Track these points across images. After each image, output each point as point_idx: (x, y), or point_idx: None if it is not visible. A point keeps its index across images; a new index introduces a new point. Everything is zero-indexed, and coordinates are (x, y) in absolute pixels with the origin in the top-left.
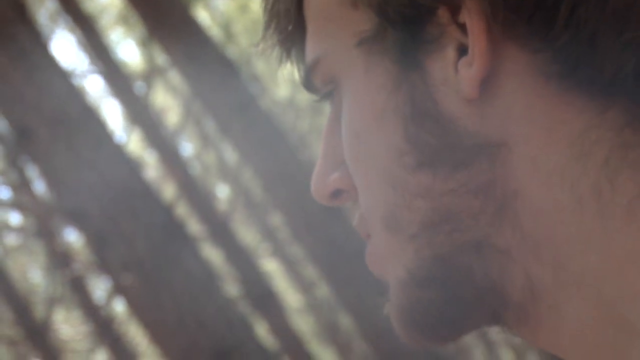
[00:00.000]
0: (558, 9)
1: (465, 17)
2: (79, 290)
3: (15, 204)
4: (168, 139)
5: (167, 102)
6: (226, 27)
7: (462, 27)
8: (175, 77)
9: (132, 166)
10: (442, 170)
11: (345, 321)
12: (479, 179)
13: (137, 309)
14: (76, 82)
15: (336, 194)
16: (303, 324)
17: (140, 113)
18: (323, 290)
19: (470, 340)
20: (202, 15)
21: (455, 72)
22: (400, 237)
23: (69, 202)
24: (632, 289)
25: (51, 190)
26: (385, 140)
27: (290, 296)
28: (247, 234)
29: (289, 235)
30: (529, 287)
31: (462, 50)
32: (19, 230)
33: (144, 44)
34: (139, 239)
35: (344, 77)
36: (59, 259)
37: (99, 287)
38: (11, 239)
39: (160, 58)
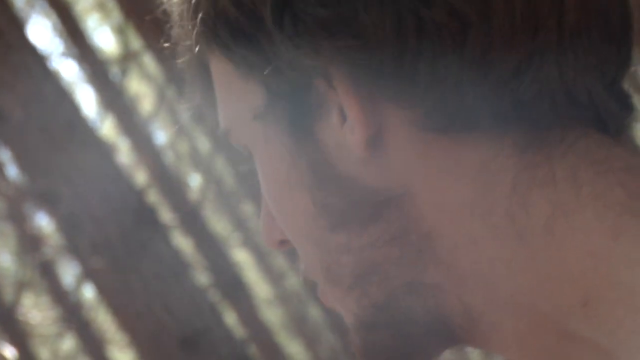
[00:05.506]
0: (417, 70)
1: (337, 86)
2: (48, 275)
3: None
4: (141, 126)
5: (141, 89)
6: None
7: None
8: (150, 64)
9: (104, 150)
10: (354, 228)
11: (315, 313)
12: (391, 230)
13: (106, 293)
14: (51, 65)
15: (283, 242)
16: (272, 315)
17: (114, 99)
18: (293, 282)
19: None
20: None
21: (344, 135)
22: (340, 289)
23: (41, 184)
24: (567, 302)
25: (23, 173)
26: (296, 207)
27: (259, 287)
28: (218, 223)
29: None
30: (467, 312)
31: (345, 114)
32: None
33: (120, 30)
34: (110, 223)
35: (250, 147)
36: (29, 242)
37: (69, 273)
38: None
39: (136, 44)
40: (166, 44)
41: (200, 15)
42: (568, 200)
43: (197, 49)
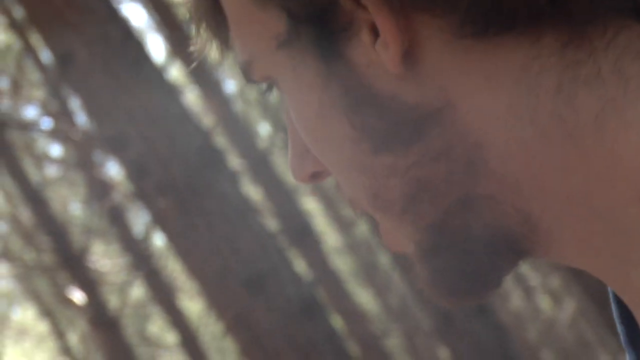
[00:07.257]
0: None
1: (366, 2)
2: (117, 222)
3: (56, 135)
4: (211, 73)
5: None
6: None
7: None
8: None
9: (170, 91)
10: (398, 148)
11: (384, 261)
12: (435, 145)
13: (173, 236)
14: (118, 7)
15: (315, 175)
16: (341, 263)
17: (183, 45)
18: (362, 230)
19: (508, 285)
20: None
21: (376, 53)
22: (393, 215)
23: (108, 128)
24: (621, 197)
25: (91, 117)
26: (335, 134)
27: (328, 235)
28: (287, 171)
29: None
30: (524, 220)
31: (376, 31)
32: (60, 161)
33: None
34: (176, 164)
35: (277, 77)
36: (98, 190)
37: (138, 221)
38: (52, 171)
39: None
40: None
41: None
42: (616, 96)
43: None
